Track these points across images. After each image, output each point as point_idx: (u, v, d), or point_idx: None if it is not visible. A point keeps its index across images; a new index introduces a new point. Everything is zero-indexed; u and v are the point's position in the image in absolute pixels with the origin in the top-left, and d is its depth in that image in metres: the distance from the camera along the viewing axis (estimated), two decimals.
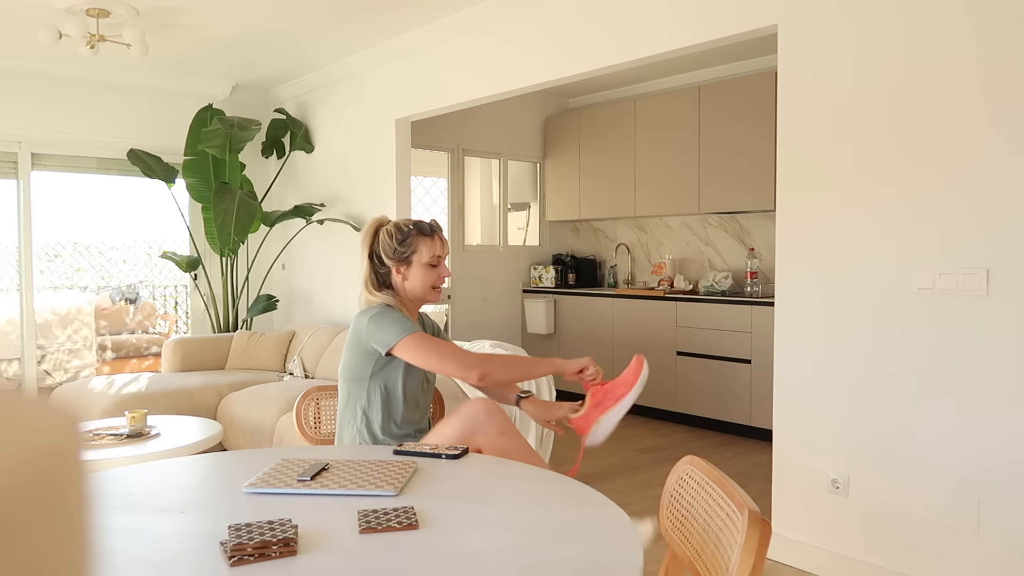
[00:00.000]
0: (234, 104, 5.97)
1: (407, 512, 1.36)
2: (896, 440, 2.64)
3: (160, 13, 4.15)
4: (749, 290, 5.17)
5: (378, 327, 2.05)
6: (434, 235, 2.20)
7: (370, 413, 2.11)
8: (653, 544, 2.96)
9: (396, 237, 2.17)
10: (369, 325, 2.06)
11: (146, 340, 6.98)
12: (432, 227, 2.21)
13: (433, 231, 2.20)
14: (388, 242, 2.17)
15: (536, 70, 3.92)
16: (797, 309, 2.92)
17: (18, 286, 5.24)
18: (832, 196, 2.80)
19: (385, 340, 2.04)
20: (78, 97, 5.33)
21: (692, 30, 3.21)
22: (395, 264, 2.17)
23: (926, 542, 2.56)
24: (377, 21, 4.37)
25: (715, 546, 1.26)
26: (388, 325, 2.04)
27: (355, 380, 2.12)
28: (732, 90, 5.17)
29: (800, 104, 2.88)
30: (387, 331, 2.04)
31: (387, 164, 5.02)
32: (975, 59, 2.41)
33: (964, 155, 2.45)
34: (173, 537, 1.28)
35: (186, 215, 5.69)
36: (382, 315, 2.07)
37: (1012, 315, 2.36)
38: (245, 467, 1.71)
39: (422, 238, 2.18)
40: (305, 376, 4.89)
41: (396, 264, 2.17)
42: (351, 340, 2.13)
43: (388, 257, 2.17)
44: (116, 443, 3.09)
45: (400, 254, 2.16)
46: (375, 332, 2.05)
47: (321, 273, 5.81)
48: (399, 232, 2.18)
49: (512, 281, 6.51)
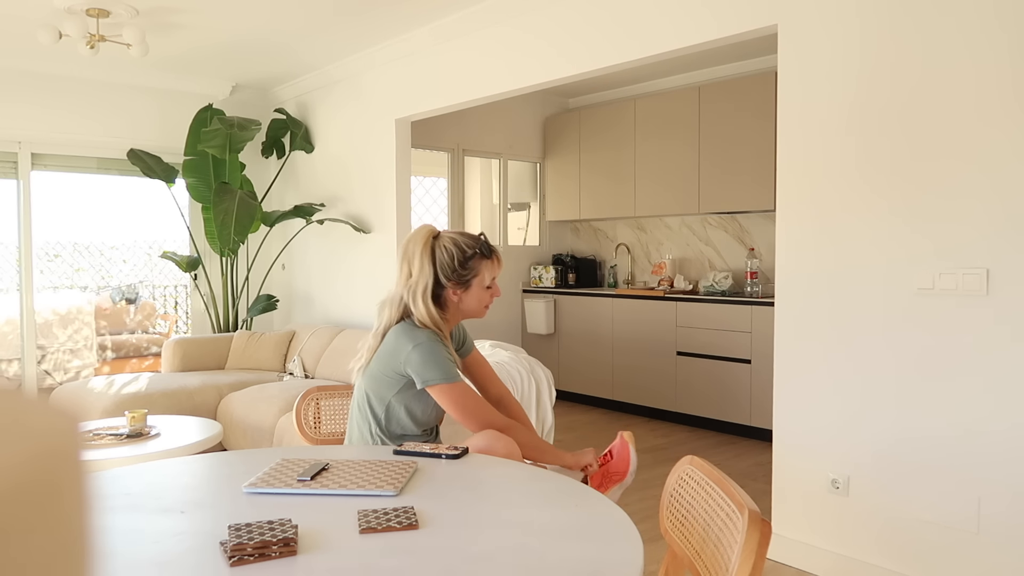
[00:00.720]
0: (234, 104, 5.97)
1: (407, 512, 1.36)
2: (896, 440, 2.64)
3: (160, 13, 4.15)
4: (749, 290, 5.17)
5: (422, 361, 1.98)
6: (494, 256, 2.11)
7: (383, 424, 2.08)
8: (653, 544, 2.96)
9: (457, 258, 2.06)
10: (413, 354, 1.99)
11: (146, 340, 6.98)
12: (491, 248, 2.12)
13: (492, 252, 2.12)
14: (448, 262, 2.06)
15: (536, 70, 3.92)
16: (797, 309, 2.92)
17: (18, 286, 5.24)
18: (832, 196, 2.79)
19: (425, 377, 1.98)
20: (78, 97, 5.33)
21: (692, 30, 3.21)
22: (452, 286, 2.07)
23: (926, 542, 2.56)
24: (377, 21, 4.37)
25: (715, 546, 1.26)
26: (433, 364, 1.98)
27: (376, 392, 2.07)
28: (732, 90, 5.17)
29: (800, 104, 2.88)
30: (431, 369, 1.97)
31: (387, 164, 5.01)
32: (976, 59, 2.41)
33: (964, 155, 2.45)
34: (173, 537, 1.28)
35: (186, 215, 5.69)
36: (428, 349, 1.98)
37: (1012, 315, 2.36)
38: (245, 467, 1.71)
39: (484, 261, 2.09)
40: (305, 376, 4.89)
41: (454, 287, 2.07)
42: (386, 356, 2.04)
43: (446, 277, 2.06)
44: (116, 443, 3.09)
45: (461, 276, 2.07)
46: (416, 364, 1.99)
47: (321, 273, 5.80)
48: (460, 253, 2.07)
49: (512, 281, 6.51)
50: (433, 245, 2.09)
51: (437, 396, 2.00)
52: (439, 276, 2.06)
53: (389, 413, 2.06)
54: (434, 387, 1.98)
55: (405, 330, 2.03)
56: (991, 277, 2.40)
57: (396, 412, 2.06)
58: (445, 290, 2.08)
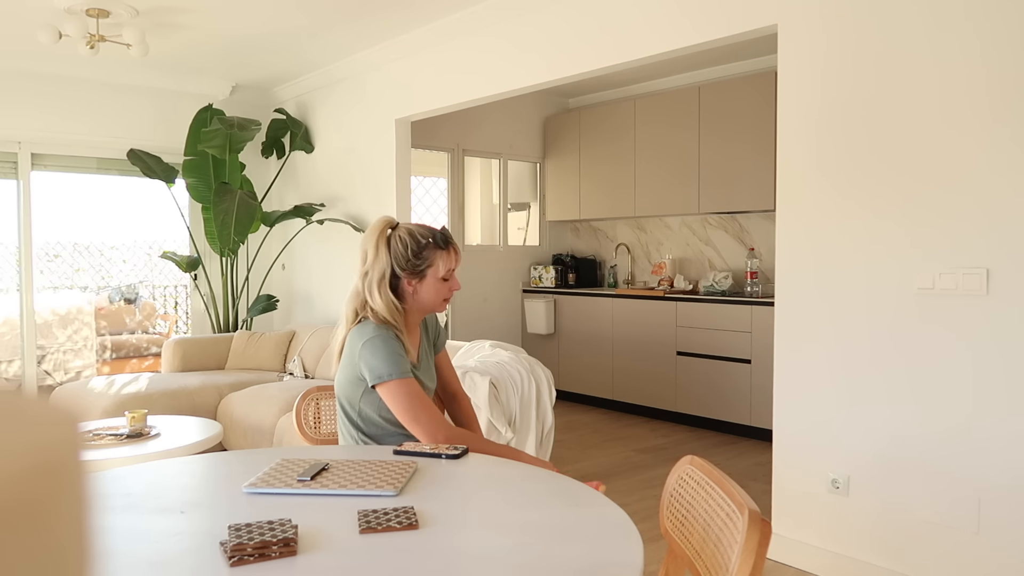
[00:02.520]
0: (234, 104, 5.97)
1: (407, 512, 1.36)
2: (896, 440, 2.64)
3: (160, 13, 4.15)
4: (749, 290, 5.17)
5: (371, 356, 1.94)
6: (450, 247, 2.07)
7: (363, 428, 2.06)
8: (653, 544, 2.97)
9: (411, 248, 2.02)
10: (363, 351, 1.95)
11: (146, 340, 6.98)
12: (447, 238, 2.07)
13: (448, 243, 2.07)
14: (402, 252, 2.02)
15: (536, 70, 3.92)
16: (797, 309, 2.92)
17: (18, 286, 5.24)
18: (832, 196, 2.79)
19: (374, 373, 1.93)
20: (78, 97, 5.33)
21: (692, 30, 3.21)
22: (407, 276, 2.03)
23: (926, 542, 2.56)
24: (377, 21, 4.37)
25: (715, 546, 1.26)
26: (381, 359, 1.92)
27: (347, 398, 2.04)
28: (732, 90, 5.17)
29: (800, 104, 2.88)
30: (379, 364, 1.92)
31: (387, 164, 5.01)
32: (976, 59, 2.41)
33: (964, 154, 2.45)
34: (173, 537, 1.28)
35: (186, 215, 5.69)
36: (377, 344, 1.94)
37: (1012, 315, 2.36)
38: (245, 467, 1.71)
39: (439, 251, 2.04)
40: (305, 376, 4.89)
41: (408, 276, 2.03)
42: (345, 360, 2.02)
43: (400, 268, 2.03)
44: (116, 443, 3.09)
45: (414, 266, 2.02)
46: (366, 360, 1.95)
47: (321, 273, 5.80)
48: (414, 242, 2.03)
49: (512, 281, 6.51)
50: (389, 235, 2.06)
51: (383, 394, 1.93)
52: (394, 266, 2.03)
53: (363, 417, 2.03)
54: (382, 385, 1.92)
55: (357, 330, 2.00)
56: (991, 277, 2.40)
57: (369, 415, 2.03)
58: (401, 281, 2.04)
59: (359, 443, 2.07)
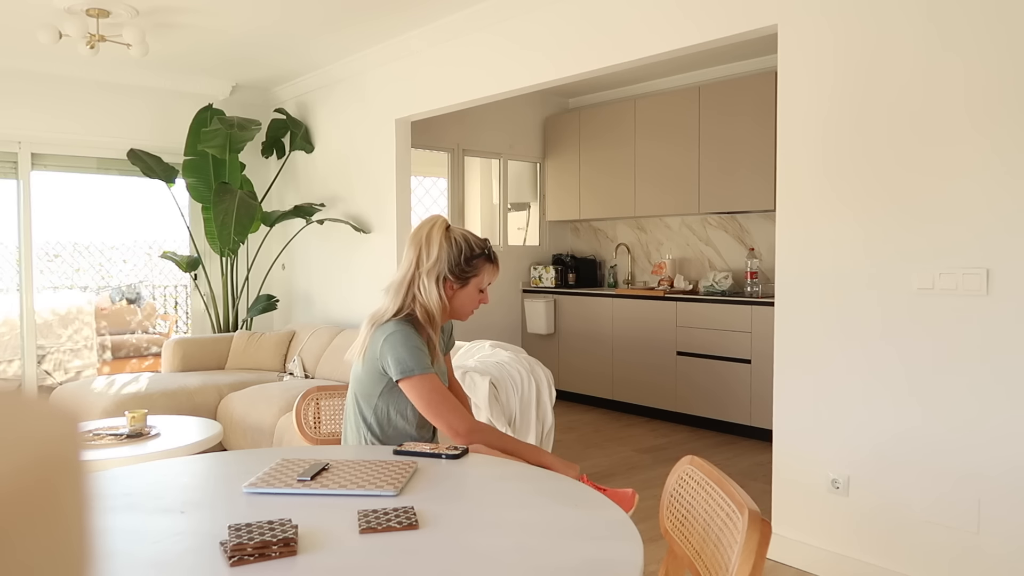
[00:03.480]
0: (234, 104, 5.97)
1: (407, 512, 1.36)
2: (896, 440, 2.64)
3: (160, 13, 4.15)
4: (749, 290, 5.17)
5: (392, 352, 1.96)
6: (496, 263, 2.11)
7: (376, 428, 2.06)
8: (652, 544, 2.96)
9: (465, 253, 2.05)
10: (385, 345, 1.97)
11: (146, 340, 6.98)
12: (495, 254, 2.12)
13: (495, 259, 2.12)
14: (455, 255, 2.05)
15: (536, 70, 3.92)
16: (797, 309, 2.92)
17: (18, 286, 5.24)
18: (832, 196, 2.79)
19: (398, 367, 1.96)
20: (78, 97, 5.33)
21: (692, 30, 3.21)
22: (453, 279, 2.05)
23: (926, 542, 2.56)
24: (377, 21, 4.37)
25: (715, 546, 1.26)
26: (404, 353, 1.95)
27: (364, 395, 2.05)
28: (732, 90, 5.17)
29: (800, 104, 2.88)
30: (403, 359, 1.95)
31: (387, 164, 5.01)
32: (975, 60, 2.41)
33: (964, 154, 2.45)
34: (173, 537, 1.28)
35: (186, 215, 5.69)
36: (399, 340, 1.96)
37: (1012, 315, 2.36)
38: (245, 467, 1.71)
39: (487, 264, 2.09)
40: (305, 376, 4.89)
41: (453, 279, 2.06)
42: (368, 354, 2.03)
43: (449, 270, 2.04)
44: (116, 443, 3.09)
45: (463, 271, 2.05)
46: (389, 354, 1.97)
47: (321, 273, 5.81)
48: (468, 248, 2.06)
49: (512, 281, 6.51)
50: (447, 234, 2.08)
51: (407, 388, 1.95)
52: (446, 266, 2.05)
53: (380, 416, 2.04)
54: (407, 380, 1.95)
55: (378, 327, 2.02)
56: (991, 277, 2.40)
57: (387, 414, 2.04)
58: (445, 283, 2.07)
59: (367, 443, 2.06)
